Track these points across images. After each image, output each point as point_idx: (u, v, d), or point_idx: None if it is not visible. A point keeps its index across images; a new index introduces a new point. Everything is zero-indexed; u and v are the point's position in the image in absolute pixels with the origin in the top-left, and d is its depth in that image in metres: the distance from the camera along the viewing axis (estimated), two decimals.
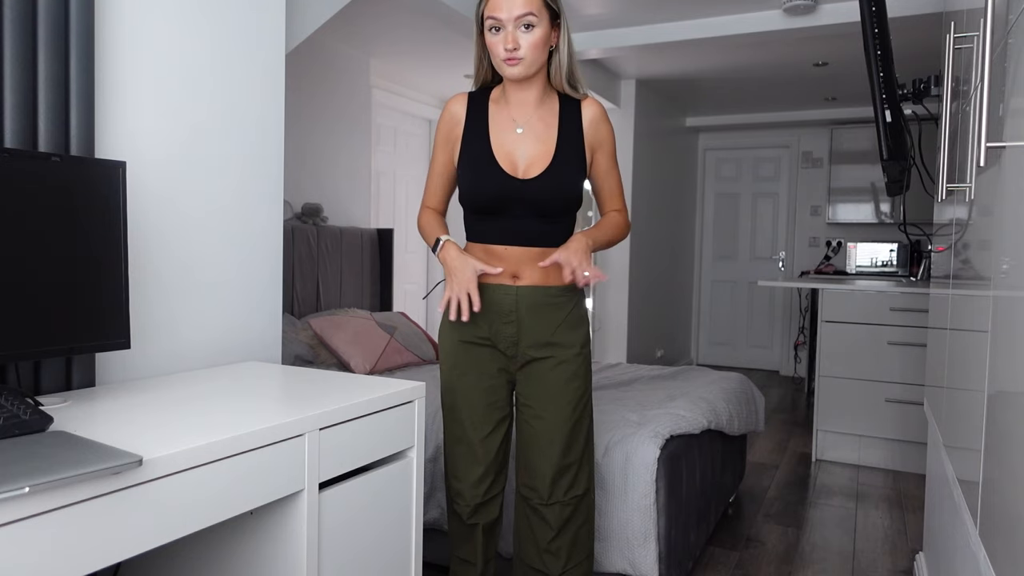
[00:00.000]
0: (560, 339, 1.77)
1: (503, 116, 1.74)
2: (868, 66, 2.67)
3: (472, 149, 1.73)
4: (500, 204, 1.70)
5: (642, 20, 3.92)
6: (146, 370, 1.66)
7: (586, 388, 1.81)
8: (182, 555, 1.48)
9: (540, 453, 1.78)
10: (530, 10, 1.60)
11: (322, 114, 3.94)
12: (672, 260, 6.19)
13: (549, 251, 1.73)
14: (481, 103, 1.77)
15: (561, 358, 1.77)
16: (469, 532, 1.87)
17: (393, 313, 3.67)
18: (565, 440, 1.78)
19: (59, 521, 0.95)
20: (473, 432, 1.80)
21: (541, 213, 1.70)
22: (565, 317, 1.78)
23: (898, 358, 3.68)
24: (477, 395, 1.79)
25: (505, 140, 1.72)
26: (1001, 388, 1.01)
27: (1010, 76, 1.07)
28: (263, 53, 1.94)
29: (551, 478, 1.78)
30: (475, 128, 1.74)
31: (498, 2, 1.61)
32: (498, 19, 1.62)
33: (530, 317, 1.75)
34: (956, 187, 1.55)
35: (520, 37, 1.62)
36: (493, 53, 1.66)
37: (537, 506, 1.81)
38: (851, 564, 2.62)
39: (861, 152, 5.87)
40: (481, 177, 1.70)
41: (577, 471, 1.81)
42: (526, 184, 1.69)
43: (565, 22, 1.69)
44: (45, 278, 1.28)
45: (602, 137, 1.78)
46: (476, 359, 1.79)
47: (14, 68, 1.33)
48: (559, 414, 1.77)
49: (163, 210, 1.69)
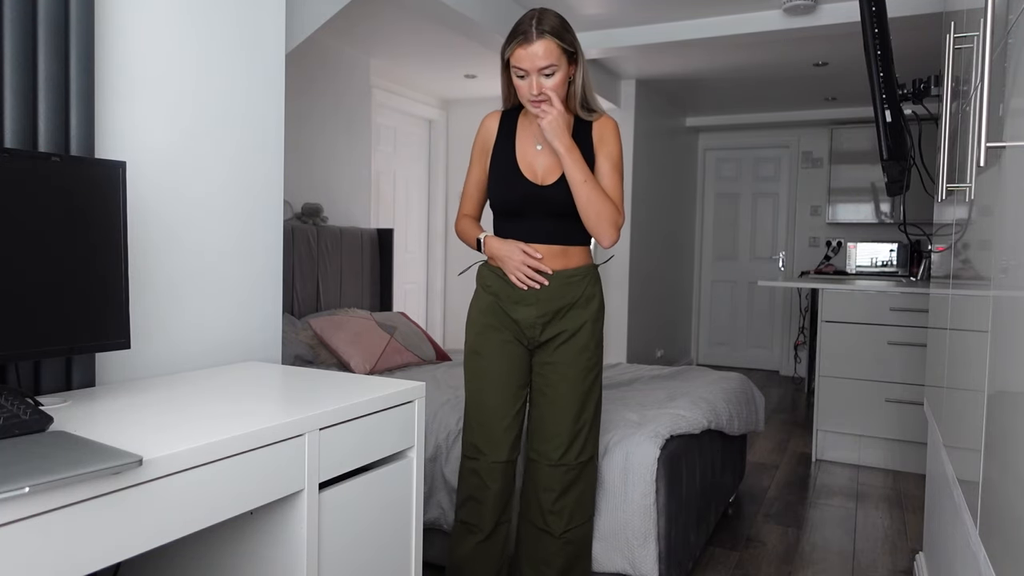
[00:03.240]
0: (573, 314, 1.96)
1: (527, 134, 1.98)
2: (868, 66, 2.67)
3: (501, 161, 1.97)
4: (523, 206, 1.93)
5: (642, 20, 3.92)
6: (146, 370, 1.66)
7: (598, 358, 2.00)
8: (182, 555, 1.48)
9: (553, 418, 1.96)
10: (551, 62, 1.81)
11: (322, 114, 3.94)
12: (672, 260, 6.19)
13: (569, 248, 1.95)
14: (511, 121, 2.01)
15: (572, 330, 1.96)
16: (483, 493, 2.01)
17: (393, 313, 3.67)
18: (577, 407, 1.96)
19: (59, 521, 0.95)
20: (494, 395, 1.98)
21: (559, 214, 1.91)
22: (581, 293, 1.96)
23: (898, 358, 3.68)
24: (500, 364, 1.98)
25: (527, 153, 1.96)
26: (1001, 388, 1.01)
27: (1010, 76, 1.07)
28: (263, 53, 1.94)
29: (561, 441, 1.95)
30: (505, 142, 1.99)
31: (522, 55, 1.81)
32: (523, 69, 1.83)
33: (548, 298, 1.94)
34: (956, 187, 1.55)
35: (544, 82, 1.83)
36: (520, 95, 1.88)
37: (545, 467, 1.97)
38: (851, 564, 2.62)
39: (861, 152, 5.87)
40: (508, 185, 1.94)
41: (586, 437, 1.98)
42: (545, 189, 1.91)
43: (581, 57, 1.90)
44: (45, 278, 1.28)
45: (606, 140, 1.95)
46: (500, 336, 1.99)
47: (14, 68, 1.33)
48: (572, 381, 1.96)
49: (163, 210, 1.69)
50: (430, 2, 3.07)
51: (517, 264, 1.91)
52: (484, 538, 2.00)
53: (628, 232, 5.20)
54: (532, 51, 1.79)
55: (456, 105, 5.50)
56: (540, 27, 1.79)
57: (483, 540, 2.00)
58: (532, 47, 1.79)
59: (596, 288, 1.99)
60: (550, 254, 1.93)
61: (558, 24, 1.82)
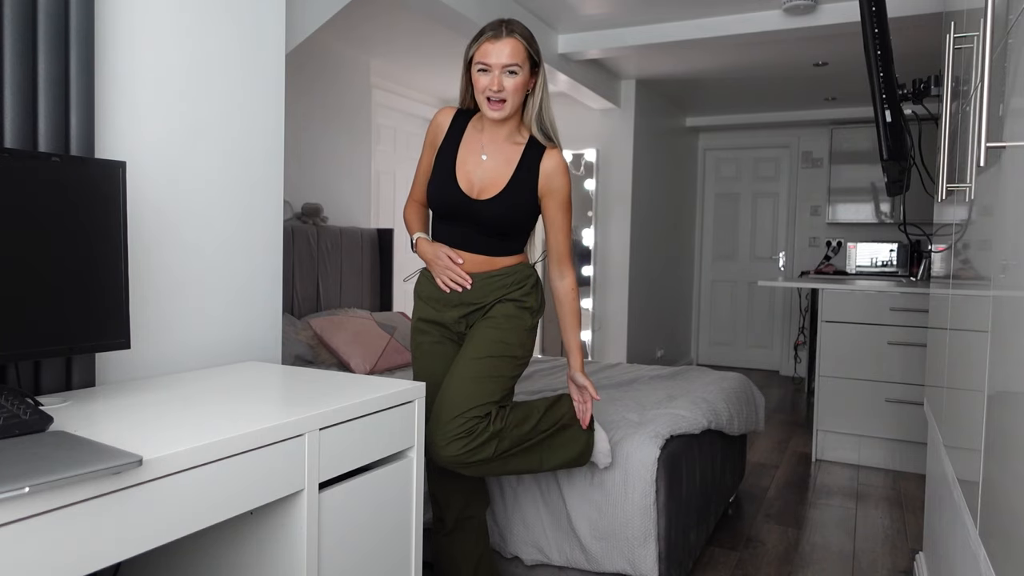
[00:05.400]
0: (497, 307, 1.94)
1: (474, 141, 1.96)
2: (868, 66, 2.67)
3: (440, 164, 1.96)
4: (456, 215, 1.93)
5: (642, 20, 3.92)
6: (146, 370, 1.66)
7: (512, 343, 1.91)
8: (182, 555, 1.48)
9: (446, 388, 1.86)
10: (516, 60, 1.83)
11: (322, 114, 3.94)
12: (672, 260, 6.19)
13: (496, 260, 1.94)
14: (462, 124, 1.99)
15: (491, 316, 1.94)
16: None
17: (393, 313, 3.67)
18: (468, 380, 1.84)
19: (59, 521, 0.95)
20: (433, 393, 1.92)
21: (489, 229, 1.92)
22: (506, 291, 1.94)
23: (898, 358, 3.68)
24: (432, 364, 1.99)
25: (468, 161, 1.94)
26: (1001, 388, 1.01)
27: (1010, 76, 1.07)
28: (263, 53, 1.94)
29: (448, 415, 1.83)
30: (449, 145, 1.97)
31: (489, 49, 1.83)
32: (487, 64, 1.83)
33: (471, 300, 1.95)
34: (956, 187, 1.55)
35: (504, 80, 1.83)
36: (477, 89, 1.87)
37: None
38: (851, 564, 2.62)
39: (861, 152, 5.87)
40: (442, 191, 1.93)
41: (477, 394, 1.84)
42: (479, 204, 1.90)
43: (543, 72, 1.92)
44: (45, 278, 1.28)
45: (554, 187, 1.93)
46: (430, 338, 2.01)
47: (14, 68, 1.33)
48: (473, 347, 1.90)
49: (163, 210, 1.69)
50: (430, 2, 3.07)
51: (441, 268, 1.93)
52: (447, 532, 2.06)
53: (628, 232, 5.20)
54: (499, 46, 1.81)
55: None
56: (510, 27, 1.84)
57: (447, 534, 2.06)
58: (500, 42, 1.82)
59: (526, 288, 1.95)
60: (477, 262, 1.93)
61: (527, 32, 1.87)
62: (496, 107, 1.85)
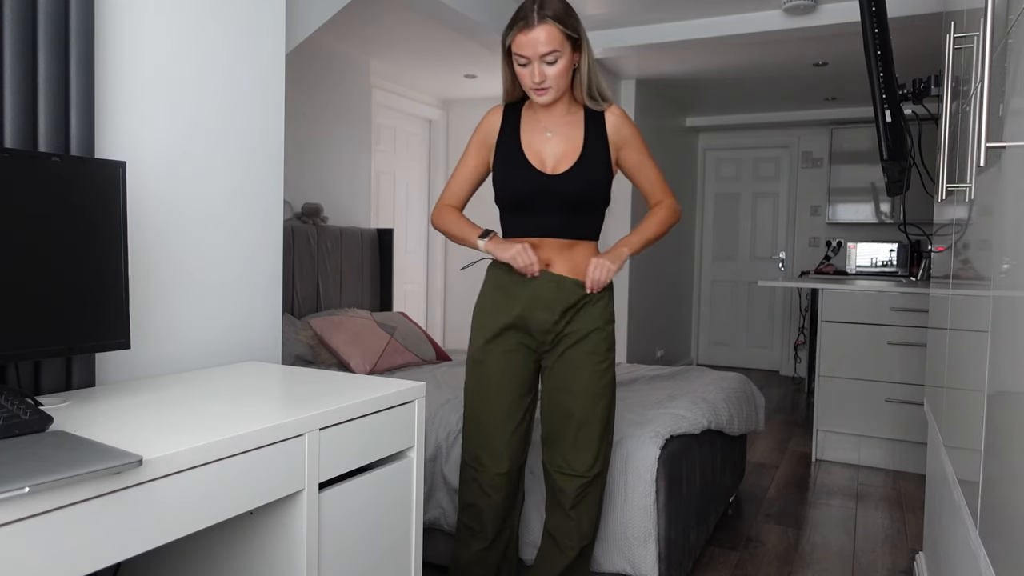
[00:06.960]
0: (584, 312, 1.90)
1: (534, 123, 1.90)
2: (868, 66, 2.67)
3: (505, 151, 1.89)
4: (531, 198, 1.85)
5: (642, 20, 3.92)
6: (146, 370, 1.66)
7: (609, 363, 1.92)
8: (182, 555, 1.48)
9: (564, 425, 1.90)
10: (553, 48, 1.74)
11: (322, 114, 3.94)
12: (672, 260, 6.19)
13: (578, 243, 1.88)
14: (514, 113, 1.93)
15: (584, 332, 1.89)
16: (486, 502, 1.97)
17: (393, 313, 3.67)
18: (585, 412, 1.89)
19: (59, 521, 0.95)
20: (496, 406, 1.91)
21: (570, 206, 1.84)
22: (589, 299, 1.90)
23: (898, 358, 3.68)
24: (502, 374, 1.91)
25: (534, 141, 1.88)
26: (1001, 388, 1.01)
27: (1010, 76, 1.07)
28: (263, 53, 1.94)
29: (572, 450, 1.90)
30: (508, 134, 1.91)
31: (523, 41, 1.74)
32: (525, 56, 1.76)
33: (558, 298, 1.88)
34: (956, 187, 1.55)
35: (546, 70, 1.76)
36: (523, 82, 1.81)
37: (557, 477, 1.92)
38: (851, 564, 2.62)
39: (861, 152, 5.87)
40: (515, 175, 1.86)
41: (598, 447, 1.91)
42: (556, 179, 1.84)
43: (586, 43, 1.82)
44: (45, 278, 1.28)
45: (625, 135, 1.90)
46: (505, 344, 1.92)
47: (14, 68, 1.33)
48: (582, 387, 1.88)
49: (163, 210, 1.69)
50: (430, 2, 3.07)
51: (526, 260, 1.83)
52: (487, 545, 1.97)
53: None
54: (533, 36, 1.72)
55: (456, 105, 5.50)
56: (542, 11, 1.72)
57: (486, 548, 1.97)
58: (533, 32, 1.71)
59: (608, 314, 1.94)
60: (557, 248, 1.87)
61: (561, 9, 1.74)
62: (542, 93, 1.79)
